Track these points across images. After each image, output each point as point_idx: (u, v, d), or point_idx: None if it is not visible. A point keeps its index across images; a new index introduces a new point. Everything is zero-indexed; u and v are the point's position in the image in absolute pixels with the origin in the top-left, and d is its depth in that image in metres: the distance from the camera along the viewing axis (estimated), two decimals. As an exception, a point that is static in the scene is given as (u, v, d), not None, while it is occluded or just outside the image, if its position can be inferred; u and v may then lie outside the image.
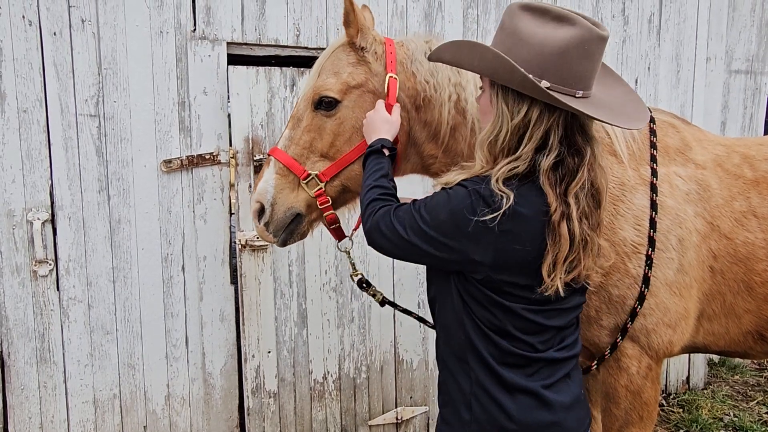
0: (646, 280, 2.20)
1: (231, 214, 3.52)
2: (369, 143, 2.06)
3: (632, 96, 1.85)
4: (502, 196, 1.56)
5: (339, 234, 2.32)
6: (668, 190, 2.28)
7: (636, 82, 4.50)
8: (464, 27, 3.89)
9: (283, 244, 2.28)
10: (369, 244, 1.83)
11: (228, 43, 3.32)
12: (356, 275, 2.39)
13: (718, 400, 4.70)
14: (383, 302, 2.38)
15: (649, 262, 2.19)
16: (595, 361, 2.29)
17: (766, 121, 5.51)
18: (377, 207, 1.81)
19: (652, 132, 2.41)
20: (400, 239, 1.71)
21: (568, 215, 1.59)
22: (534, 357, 1.70)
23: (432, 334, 3.96)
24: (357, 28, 2.19)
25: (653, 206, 2.23)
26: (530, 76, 1.55)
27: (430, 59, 1.84)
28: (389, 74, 2.19)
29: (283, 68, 3.38)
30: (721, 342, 2.42)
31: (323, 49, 3.52)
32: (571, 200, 1.60)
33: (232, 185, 3.42)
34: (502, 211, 1.55)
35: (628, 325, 2.22)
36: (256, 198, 2.21)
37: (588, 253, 1.65)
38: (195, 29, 3.24)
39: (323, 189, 2.19)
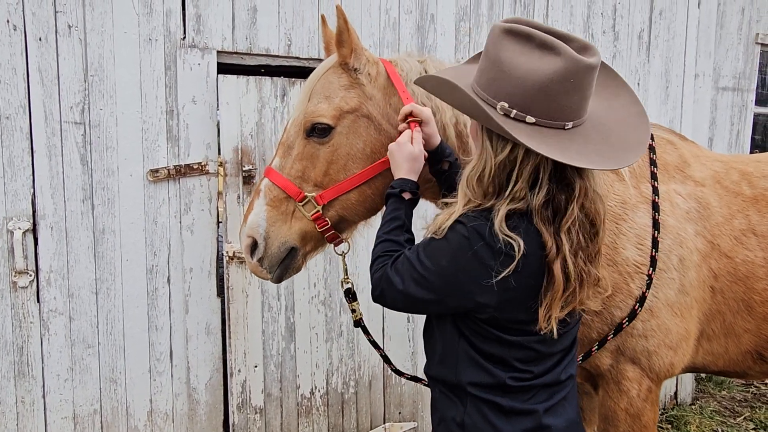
0: (641, 300, 2.17)
1: (218, 224, 3.43)
2: (396, 174, 1.94)
3: (634, 109, 1.71)
4: (509, 242, 1.49)
5: (334, 237, 2.19)
6: (669, 209, 2.26)
7: (626, 97, 4.51)
8: (456, 40, 3.86)
9: (279, 280, 2.17)
10: (374, 299, 1.75)
11: (218, 52, 3.25)
12: (347, 282, 2.26)
13: (705, 415, 4.69)
14: (357, 324, 2.25)
15: (649, 282, 2.16)
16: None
17: (752, 137, 5.56)
18: (381, 264, 1.74)
19: (651, 149, 2.39)
20: (398, 293, 1.65)
21: (562, 254, 1.52)
22: (533, 384, 1.66)
23: (421, 348, 3.89)
24: (351, 48, 2.09)
25: (655, 225, 2.21)
26: (513, 112, 1.46)
27: (415, 83, 1.79)
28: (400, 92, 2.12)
29: (274, 78, 3.33)
30: (720, 362, 2.40)
31: (315, 59, 3.48)
32: (564, 237, 1.53)
33: (220, 194, 3.34)
34: (516, 262, 1.48)
35: (609, 337, 2.17)
36: (247, 232, 2.09)
37: (584, 286, 1.58)
38: (185, 37, 3.17)
39: (320, 212, 2.08)
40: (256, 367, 3.40)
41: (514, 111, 1.46)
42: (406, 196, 1.89)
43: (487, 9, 3.92)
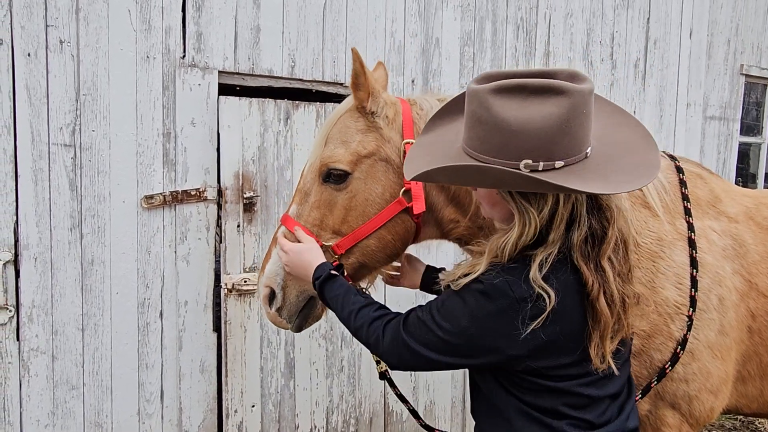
0: (683, 342, 2.07)
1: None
2: (310, 277, 1.89)
3: (640, 131, 1.64)
4: (540, 293, 1.42)
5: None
6: (706, 246, 2.18)
7: (623, 125, 4.50)
8: (461, 65, 3.78)
9: (299, 329, 2.10)
10: (391, 368, 1.70)
11: (219, 72, 3.08)
12: None
13: (701, 446, 4.64)
14: (383, 376, 2.14)
15: (690, 323, 2.07)
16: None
17: (736, 166, 5.63)
18: (380, 328, 1.66)
19: (683, 183, 2.31)
20: (420, 357, 1.58)
21: (605, 284, 1.48)
22: None
23: (422, 383, 3.75)
24: (368, 91, 2.01)
25: (693, 263, 2.12)
26: (541, 164, 1.38)
27: (415, 179, 1.58)
28: (405, 140, 2.00)
29: (278, 100, 3.17)
30: (754, 405, 2.32)
31: (319, 81, 3.34)
32: (606, 265, 1.49)
33: (219, 224, 3.15)
34: (545, 314, 1.43)
35: (653, 384, 2.08)
36: (265, 282, 2.03)
37: (628, 309, 1.54)
38: (184, 56, 2.99)
39: (338, 261, 2.00)
40: (253, 406, 3.19)
41: (542, 163, 1.39)
42: (335, 273, 1.87)
43: (490, 35, 3.86)
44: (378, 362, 2.09)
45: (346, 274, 1.99)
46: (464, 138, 1.52)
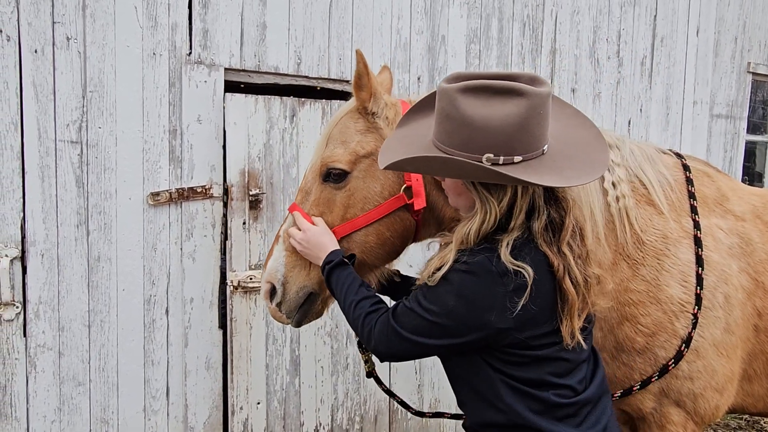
0: (687, 340, 2.07)
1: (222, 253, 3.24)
2: (321, 260, 1.93)
3: (593, 131, 1.75)
4: (518, 270, 1.54)
5: None
6: (712, 244, 2.17)
7: (629, 123, 4.49)
8: (467, 62, 3.78)
9: (298, 324, 2.13)
10: (381, 360, 1.77)
11: (225, 69, 3.09)
12: None
13: (706, 446, 4.63)
14: (370, 374, 2.17)
15: (695, 321, 2.07)
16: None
17: (743, 164, 5.60)
18: (374, 320, 1.73)
19: (689, 181, 2.30)
20: (410, 344, 1.65)
21: (568, 266, 1.60)
22: (579, 401, 1.66)
23: (428, 380, 3.75)
24: (370, 92, 2.04)
25: (698, 261, 2.12)
26: (501, 159, 1.51)
27: (387, 168, 1.67)
28: None
29: (283, 98, 3.17)
30: (760, 404, 2.31)
31: (325, 78, 3.35)
32: (566, 250, 1.62)
33: (224, 221, 3.15)
34: (530, 287, 1.53)
35: (654, 379, 2.08)
36: (266, 278, 2.06)
37: (590, 289, 1.66)
38: (191, 53, 3.00)
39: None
40: (258, 403, 3.20)
41: (502, 157, 1.52)
42: (346, 260, 1.92)
43: (497, 32, 3.85)
44: (366, 361, 2.15)
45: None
46: (434, 132, 1.64)
